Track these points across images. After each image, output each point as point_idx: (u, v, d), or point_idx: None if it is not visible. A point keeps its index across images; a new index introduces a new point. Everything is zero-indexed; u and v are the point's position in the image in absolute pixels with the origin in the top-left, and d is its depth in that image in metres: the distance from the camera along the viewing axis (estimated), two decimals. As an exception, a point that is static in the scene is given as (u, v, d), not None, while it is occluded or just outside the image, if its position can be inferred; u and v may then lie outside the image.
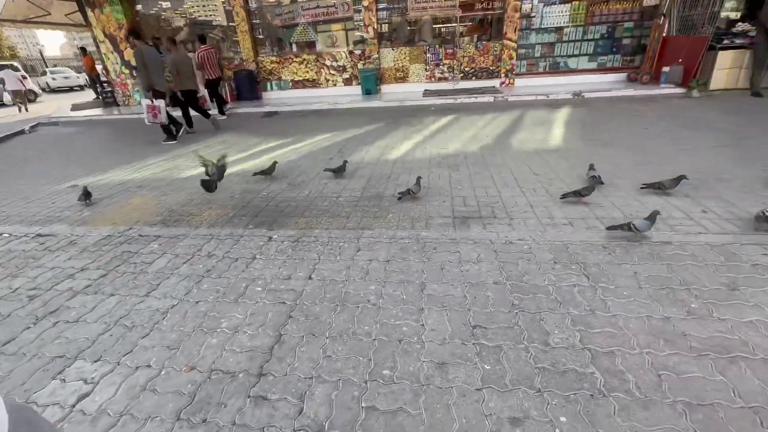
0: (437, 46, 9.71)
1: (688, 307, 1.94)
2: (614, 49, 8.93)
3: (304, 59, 10.35)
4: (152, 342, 1.96)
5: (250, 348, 1.87)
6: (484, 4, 9.49)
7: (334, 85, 10.49)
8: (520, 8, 8.77)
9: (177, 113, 7.23)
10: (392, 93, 9.91)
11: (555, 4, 8.92)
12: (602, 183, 3.46)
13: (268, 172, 4.30)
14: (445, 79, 9.92)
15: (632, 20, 8.65)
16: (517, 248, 2.58)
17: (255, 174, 4.38)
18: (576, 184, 3.56)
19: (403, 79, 10.10)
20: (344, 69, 10.27)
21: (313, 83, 10.59)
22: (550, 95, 7.98)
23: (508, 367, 1.66)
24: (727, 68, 7.19)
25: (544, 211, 3.12)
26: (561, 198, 3.23)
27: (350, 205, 3.49)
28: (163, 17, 11.88)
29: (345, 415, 1.50)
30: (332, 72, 10.38)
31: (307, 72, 10.49)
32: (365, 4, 9.35)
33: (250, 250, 2.80)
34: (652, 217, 2.55)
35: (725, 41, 7.13)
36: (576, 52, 9.14)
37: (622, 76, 8.85)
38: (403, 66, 9.99)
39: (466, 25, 10.04)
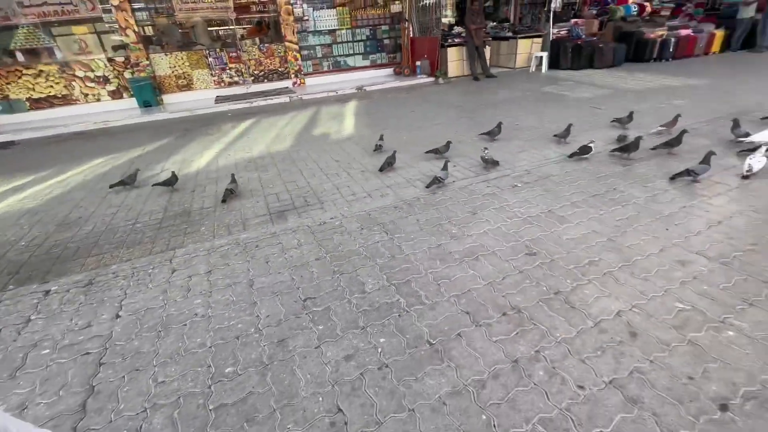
0: (218, 49, 9.25)
1: (451, 233, 2.68)
2: (379, 48, 10.56)
3: (42, 71, 8.12)
4: None
5: (51, 416, 1.56)
6: (259, 6, 9.56)
7: (98, 99, 8.66)
8: (293, 12, 9.26)
9: None
10: (179, 103, 8.95)
11: (323, 8, 9.81)
12: (381, 147, 4.49)
13: (170, 183, 3.88)
14: (237, 83, 9.60)
15: (387, 24, 10.38)
16: (330, 226, 2.92)
17: (155, 185, 3.95)
18: (369, 164, 4.20)
19: (189, 86, 9.23)
20: (107, 80, 8.59)
21: (65, 100, 8.46)
22: (339, 91, 8.85)
23: (338, 320, 1.96)
24: (455, 60, 9.57)
25: (347, 190, 3.58)
26: (380, 171, 3.92)
27: (153, 229, 3.13)
28: None
29: (193, 424, 1.48)
30: (90, 84, 8.52)
31: (52, 86, 8.29)
32: (115, 3, 7.99)
33: (20, 313, 2.21)
34: (445, 167, 3.47)
35: (449, 40, 9.45)
36: (351, 51, 10.34)
37: (390, 70, 10.58)
38: (184, 73, 9.10)
39: (245, 28, 9.90)
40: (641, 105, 5.65)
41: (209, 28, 9.60)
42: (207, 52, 9.18)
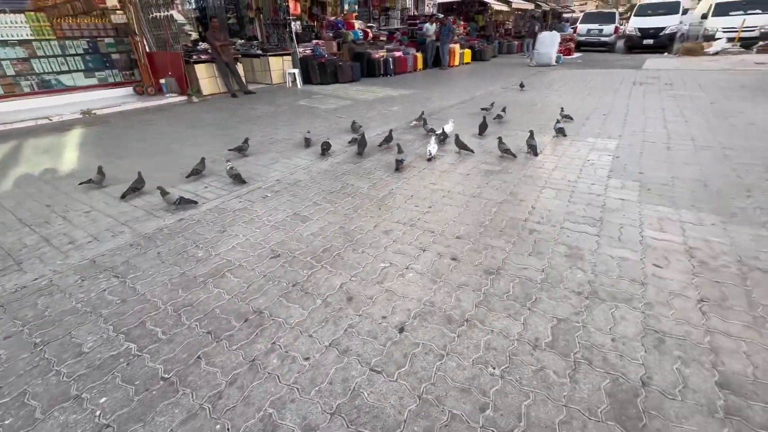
0: None
1: (197, 258, 2.58)
2: (108, 64, 8.90)
3: None
4: None
5: None
6: None
7: None
8: (-58, 13, 6.64)
9: None
10: None
11: (4, 12, 7.45)
12: (96, 182, 3.86)
13: None
14: None
15: (110, 36, 8.84)
16: (32, 289, 2.31)
17: None
18: (99, 202, 3.52)
19: None
20: None
21: None
22: (54, 118, 6.97)
23: (37, 402, 1.58)
24: (207, 77, 9.13)
25: (63, 238, 2.90)
26: (122, 198, 3.55)
27: None
28: None
29: None
30: None
31: None
32: None
33: None
34: (163, 192, 3.31)
35: (195, 56, 8.93)
36: (66, 68, 8.29)
37: (129, 89, 9.09)
38: None
39: None
40: (371, 112, 6.93)
41: None
42: None
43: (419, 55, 13.33)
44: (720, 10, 15.22)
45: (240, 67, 9.54)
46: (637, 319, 1.88)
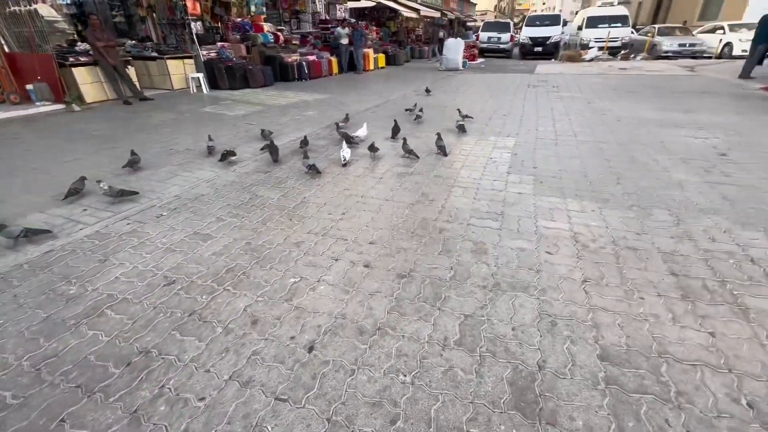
0: None
1: (68, 296, 2.18)
2: (-50, 67, 7.29)
3: None
4: None
5: None
6: None
7: None
8: None
9: None
10: None
11: None
12: None
13: None
14: None
15: (-48, 33, 7.27)
16: None
17: None
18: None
19: None
20: None
21: None
22: None
23: None
24: (89, 83, 7.97)
25: None
26: None
27: None
28: None
29: None
30: None
31: None
32: None
33: None
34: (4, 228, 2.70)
35: (72, 59, 7.74)
36: None
37: (-14, 97, 7.57)
38: None
39: None
40: (284, 118, 6.67)
41: None
42: None
43: (334, 59, 13.27)
44: (591, 23, 17.74)
45: (132, 71, 8.52)
46: (533, 306, 2.02)
